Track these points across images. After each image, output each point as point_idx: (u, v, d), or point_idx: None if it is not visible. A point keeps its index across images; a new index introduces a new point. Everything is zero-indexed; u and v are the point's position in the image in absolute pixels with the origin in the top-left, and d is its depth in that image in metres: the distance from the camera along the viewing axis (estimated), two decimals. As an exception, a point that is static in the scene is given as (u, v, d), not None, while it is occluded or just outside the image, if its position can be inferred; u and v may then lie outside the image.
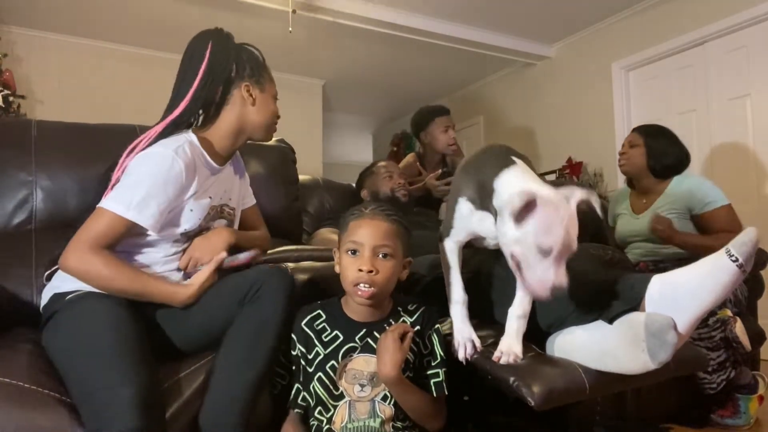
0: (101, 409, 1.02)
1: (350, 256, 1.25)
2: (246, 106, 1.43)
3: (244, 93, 1.43)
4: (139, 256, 1.32)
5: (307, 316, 1.30)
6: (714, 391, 1.95)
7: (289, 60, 5.11)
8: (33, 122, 1.68)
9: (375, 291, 1.23)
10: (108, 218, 1.23)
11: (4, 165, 1.59)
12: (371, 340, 1.27)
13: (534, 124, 5.08)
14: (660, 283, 1.22)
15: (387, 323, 1.29)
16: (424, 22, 4.34)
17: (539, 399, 1.15)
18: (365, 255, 1.23)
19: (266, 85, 1.47)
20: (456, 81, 5.71)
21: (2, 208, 1.57)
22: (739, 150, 3.57)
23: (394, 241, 1.27)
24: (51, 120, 1.74)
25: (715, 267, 1.14)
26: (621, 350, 1.19)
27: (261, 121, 1.46)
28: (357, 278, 1.22)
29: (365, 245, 1.24)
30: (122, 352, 1.10)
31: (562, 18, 4.38)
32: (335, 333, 1.28)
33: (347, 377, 1.25)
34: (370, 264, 1.22)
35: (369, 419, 1.22)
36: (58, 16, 4.17)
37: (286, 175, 2.06)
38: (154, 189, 1.25)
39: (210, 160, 1.40)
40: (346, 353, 1.26)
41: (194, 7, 4.11)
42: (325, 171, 5.72)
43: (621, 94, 4.31)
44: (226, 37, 1.44)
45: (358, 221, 1.27)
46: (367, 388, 1.24)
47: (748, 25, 3.54)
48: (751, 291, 2.24)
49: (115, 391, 1.02)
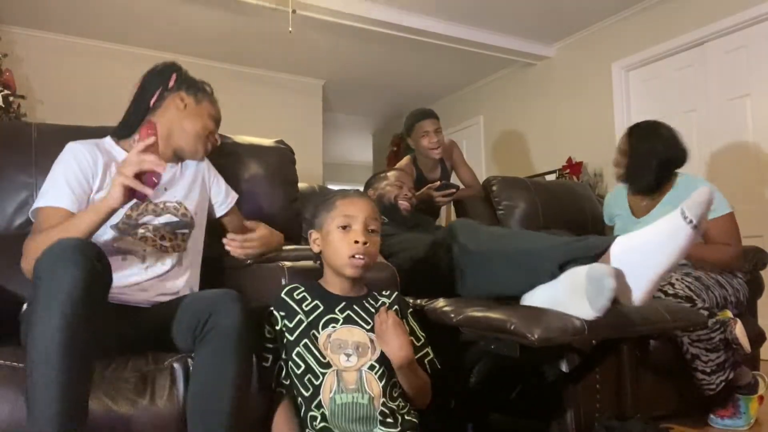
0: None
1: (341, 230, 1.31)
2: (178, 112, 1.52)
3: (177, 101, 1.52)
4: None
5: (286, 288, 1.33)
6: (713, 391, 1.95)
7: (289, 60, 5.11)
8: (33, 125, 1.69)
9: (368, 261, 1.30)
10: (37, 215, 1.36)
11: (5, 167, 1.60)
12: (352, 313, 1.31)
13: (534, 123, 5.08)
14: (621, 246, 1.27)
15: (365, 300, 1.35)
16: (424, 22, 4.34)
17: (539, 335, 1.19)
18: (358, 228, 1.30)
19: (203, 102, 1.57)
20: (456, 81, 5.71)
21: (3, 210, 1.58)
22: (739, 150, 3.57)
23: (378, 220, 1.36)
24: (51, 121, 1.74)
25: (672, 229, 1.19)
26: (566, 298, 1.27)
27: (190, 129, 1.54)
28: (354, 249, 1.28)
29: (358, 218, 1.31)
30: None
31: (562, 18, 4.38)
32: (315, 302, 1.31)
33: (332, 347, 1.26)
34: (364, 236, 1.29)
35: (357, 394, 1.22)
36: (58, 16, 4.18)
37: (285, 176, 2.06)
38: (60, 174, 1.38)
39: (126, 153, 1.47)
40: (327, 323, 1.29)
41: (194, 7, 4.11)
42: (325, 171, 5.73)
43: (621, 94, 4.31)
44: (177, 68, 1.58)
45: (347, 199, 1.35)
46: (353, 358, 1.25)
47: (748, 25, 3.54)
48: (751, 292, 2.24)
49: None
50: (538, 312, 1.30)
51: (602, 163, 4.40)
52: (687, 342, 1.94)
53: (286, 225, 1.98)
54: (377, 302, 1.36)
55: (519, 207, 2.83)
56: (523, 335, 1.20)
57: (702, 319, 1.65)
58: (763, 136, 3.48)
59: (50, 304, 0.99)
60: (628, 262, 1.23)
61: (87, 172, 1.40)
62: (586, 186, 3.47)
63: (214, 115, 1.61)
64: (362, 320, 1.31)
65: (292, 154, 2.11)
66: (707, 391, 1.95)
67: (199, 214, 1.56)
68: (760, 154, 3.49)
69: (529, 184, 2.97)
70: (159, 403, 1.21)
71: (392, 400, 1.25)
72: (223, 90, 1.56)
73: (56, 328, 0.98)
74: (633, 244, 1.24)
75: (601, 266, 1.20)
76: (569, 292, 1.26)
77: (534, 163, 4.99)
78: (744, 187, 3.46)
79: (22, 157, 1.62)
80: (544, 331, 1.19)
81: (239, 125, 2.55)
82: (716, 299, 2.06)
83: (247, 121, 4.26)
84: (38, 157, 1.62)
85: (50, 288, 1.00)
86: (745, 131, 3.56)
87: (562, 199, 2.95)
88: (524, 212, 2.82)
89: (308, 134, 5.48)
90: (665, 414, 2.06)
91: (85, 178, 1.39)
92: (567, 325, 1.22)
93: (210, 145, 1.62)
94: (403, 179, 2.36)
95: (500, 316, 1.29)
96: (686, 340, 1.93)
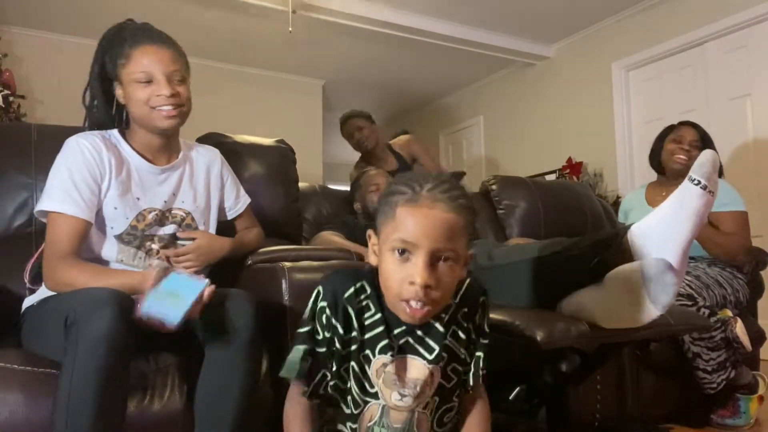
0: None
1: (397, 256, 0.92)
2: (127, 103, 1.39)
3: (119, 93, 1.40)
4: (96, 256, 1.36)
5: (350, 288, 0.99)
6: (714, 390, 1.95)
7: (289, 60, 5.11)
8: (33, 126, 1.69)
9: (430, 309, 0.93)
10: (52, 222, 1.29)
11: (5, 168, 1.60)
12: (412, 339, 1.00)
13: (534, 124, 5.07)
14: (639, 228, 1.24)
15: (437, 320, 1.01)
16: (424, 22, 4.34)
17: (542, 337, 1.17)
18: (420, 262, 0.90)
19: (124, 75, 1.36)
20: (456, 81, 5.71)
21: (2, 211, 1.58)
22: (739, 150, 3.57)
23: (460, 239, 0.94)
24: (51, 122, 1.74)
25: (683, 196, 1.17)
26: (623, 303, 1.21)
27: (136, 115, 1.38)
28: (407, 293, 0.91)
29: (421, 248, 0.90)
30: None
31: (562, 18, 4.38)
32: (379, 316, 0.99)
33: (386, 380, 0.99)
34: (427, 275, 0.90)
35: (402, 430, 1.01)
36: (58, 16, 4.18)
37: (286, 176, 2.06)
38: (67, 174, 1.30)
39: (137, 154, 1.40)
40: (384, 349, 0.98)
41: (194, 7, 4.11)
42: (326, 171, 5.72)
43: (621, 94, 4.31)
44: (107, 35, 1.47)
45: (413, 208, 0.92)
46: (408, 399, 0.99)
47: (748, 25, 3.54)
48: (751, 292, 2.24)
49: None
50: (542, 314, 1.29)
51: (602, 163, 4.40)
52: (688, 340, 1.94)
53: (286, 225, 1.99)
54: (447, 310, 1.02)
55: (519, 206, 2.82)
56: (527, 336, 1.20)
57: (705, 323, 1.64)
58: (763, 136, 3.48)
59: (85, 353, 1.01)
60: (653, 245, 1.19)
61: (95, 172, 1.32)
62: (586, 186, 3.46)
63: (139, 72, 1.34)
64: (425, 348, 1.00)
65: (292, 154, 2.11)
66: (708, 390, 1.95)
67: (208, 221, 1.52)
68: (760, 154, 3.49)
69: (529, 184, 2.97)
70: (159, 403, 1.21)
71: (440, 426, 1.05)
72: (223, 90, 1.55)
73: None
74: (649, 223, 1.21)
75: (654, 262, 1.15)
76: (626, 294, 1.19)
77: (534, 163, 4.99)
78: (744, 187, 3.44)
79: (22, 157, 1.61)
80: (548, 333, 1.19)
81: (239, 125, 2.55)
82: (716, 298, 2.07)
83: (247, 121, 4.27)
84: (38, 158, 1.62)
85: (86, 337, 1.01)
86: (745, 131, 3.56)
87: (562, 199, 2.95)
88: (525, 212, 2.81)
89: (308, 134, 5.47)
90: (665, 414, 2.06)
91: (94, 180, 1.32)
92: (571, 328, 1.22)
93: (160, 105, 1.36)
94: (378, 180, 2.35)
95: (504, 317, 1.29)
96: (687, 339, 1.94)
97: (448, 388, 1.03)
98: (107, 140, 1.39)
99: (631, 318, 1.22)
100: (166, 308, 1.06)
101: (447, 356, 1.01)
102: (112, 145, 1.39)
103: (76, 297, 1.08)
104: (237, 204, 1.62)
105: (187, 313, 1.07)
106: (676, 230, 1.16)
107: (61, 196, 1.29)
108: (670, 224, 1.17)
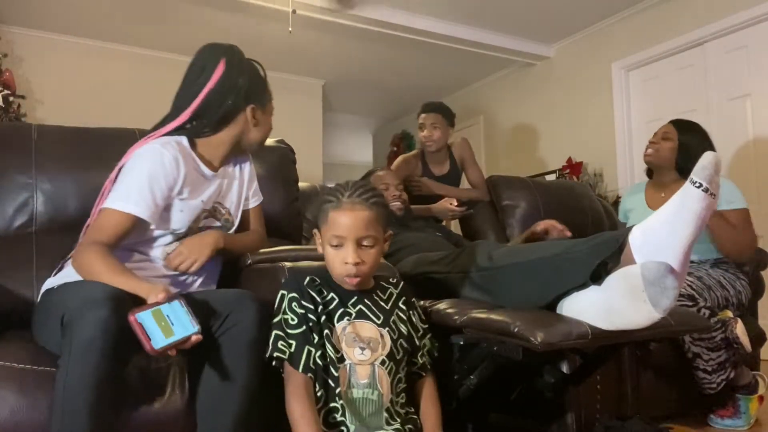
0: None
1: (334, 248, 1.27)
2: (248, 125, 1.49)
3: (249, 115, 1.47)
4: (138, 255, 1.37)
5: (306, 278, 1.30)
6: (714, 391, 1.95)
7: (289, 60, 5.11)
8: (33, 126, 1.69)
9: (362, 279, 1.28)
10: (109, 215, 1.30)
11: (5, 168, 1.60)
12: (364, 307, 1.30)
13: (534, 124, 5.07)
14: (640, 230, 1.22)
15: (374, 293, 1.34)
16: (424, 22, 4.34)
17: (542, 339, 1.17)
18: (349, 248, 1.25)
19: (267, 105, 1.54)
20: (456, 81, 5.71)
21: (3, 211, 1.58)
22: (739, 150, 3.57)
23: (376, 228, 1.28)
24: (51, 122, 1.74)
25: (685, 199, 1.15)
26: (624, 305, 1.20)
27: (260, 138, 1.54)
28: (345, 271, 1.26)
29: (348, 239, 1.25)
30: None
31: (562, 18, 4.38)
32: (331, 295, 1.29)
33: (347, 340, 1.26)
34: (355, 256, 1.24)
35: (368, 390, 1.23)
36: (58, 16, 4.17)
37: (286, 176, 2.06)
38: (146, 181, 1.32)
39: (201, 164, 1.45)
40: (341, 316, 1.28)
41: (194, 7, 4.11)
42: (325, 171, 5.72)
43: (621, 94, 4.31)
44: (239, 57, 1.47)
45: (338, 212, 1.26)
46: (367, 352, 1.25)
47: (748, 25, 3.54)
48: (752, 292, 2.24)
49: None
50: (542, 315, 1.29)
51: (602, 163, 4.40)
52: (688, 341, 1.94)
53: (286, 225, 1.99)
54: (385, 293, 1.36)
55: (520, 206, 2.82)
56: (527, 338, 1.19)
57: (705, 323, 1.64)
58: (763, 136, 3.48)
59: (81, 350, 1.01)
60: (654, 247, 1.17)
61: (171, 183, 1.36)
62: (586, 186, 3.47)
63: (272, 108, 1.59)
64: (373, 314, 1.31)
65: (292, 154, 2.11)
66: (708, 391, 1.95)
67: (239, 215, 1.59)
68: (760, 154, 3.49)
69: (530, 184, 2.97)
70: (160, 402, 1.21)
71: (396, 396, 1.27)
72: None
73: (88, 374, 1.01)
74: (651, 226, 1.20)
75: (655, 265, 1.15)
76: (627, 297, 1.19)
77: (534, 163, 4.99)
78: (744, 187, 3.43)
79: (22, 158, 1.62)
80: (547, 334, 1.18)
81: (239, 125, 2.54)
82: (717, 300, 2.06)
83: (247, 121, 4.26)
84: (38, 159, 1.62)
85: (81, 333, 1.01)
86: (745, 131, 3.56)
87: (562, 199, 2.95)
88: (525, 211, 2.81)
89: (308, 134, 5.48)
90: (665, 414, 2.06)
91: (169, 189, 1.36)
92: (571, 330, 1.21)
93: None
94: (387, 180, 2.34)
95: (504, 318, 1.29)
96: (687, 339, 1.94)
97: (398, 359, 1.29)
98: (183, 149, 1.41)
99: (632, 320, 1.21)
100: (157, 330, 1.06)
101: (397, 332, 1.31)
102: (187, 155, 1.42)
103: (72, 295, 1.09)
104: (253, 198, 1.66)
105: (169, 347, 1.06)
106: (677, 233, 1.15)
107: (136, 198, 1.31)
108: (671, 227, 1.16)
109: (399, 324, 1.33)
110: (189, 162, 1.41)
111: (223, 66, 1.42)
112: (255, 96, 1.48)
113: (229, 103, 1.43)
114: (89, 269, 1.22)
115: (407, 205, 2.34)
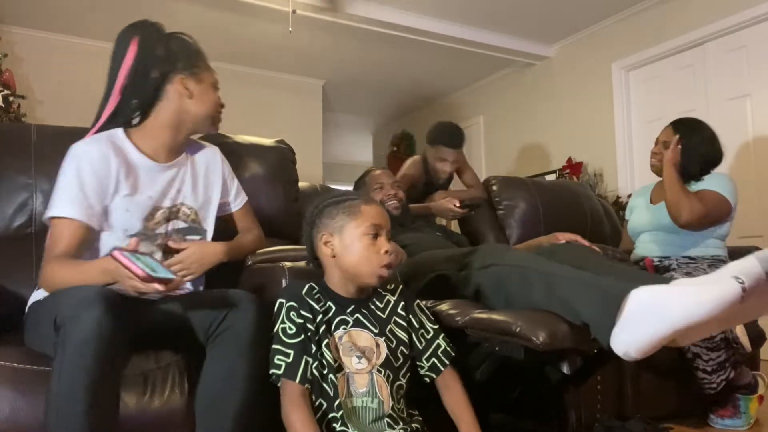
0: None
1: (371, 239, 1.27)
2: (183, 99, 1.40)
3: (179, 87, 1.40)
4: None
5: (305, 287, 1.29)
6: (714, 391, 1.95)
7: (289, 60, 5.11)
8: (33, 126, 1.69)
9: (393, 271, 1.32)
10: (55, 225, 1.29)
11: (4, 169, 1.60)
12: (361, 316, 1.31)
13: (534, 124, 5.07)
14: (644, 293, 1.16)
15: (371, 302, 1.34)
16: (424, 22, 4.33)
17: (543, 339, 1.17)
18: (385, 237, 1.29)
19: (202, 75, 1.44)
20: (456, 81, 5.71)
21: (2, 211, 1.58)
22: (739, 150, 3.57)
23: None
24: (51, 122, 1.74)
25: (721, 287, 1.11)
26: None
27: (201, 112, 1.44)
28: (383, 260, 1.26)
29: (384, 228, 1.29)
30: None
31: (562, 18, 4.38)
32: (329, 304, 1.29)
33: (344, 349, 1.26)
34: (392, 245, 1.29)
35: (367, 398, 1.23)
36: (58, 16, 4.17)
37: (285, 176, 2.06)
38: (76, 182, 1.29)
39: (141, 156, 1.39)
40: (338, 325, 1.28)
41: (194, 7, 4.11)
42: (325, 171, 5.72)
43: (621, 94, 4.31)
44: (151, 30, 1.42)
45: (373, 207, 1.31)
46: (364, 361, 1.25)
47: (748, 25, 3.54)
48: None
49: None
50: (543, 315, 1.29)
51: (602, 163, 4.40)
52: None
53: (286, 225, 1.99)
54: (382, 301, 1.35)
55: (519, 207, 2.82)
56: (528, 338, 1.19)
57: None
58: (763, 136, 3.48)
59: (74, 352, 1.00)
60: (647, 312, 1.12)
61: (102, 180, 1.32)
62: (586, 186, 3.47)
63: (215, 81, 1.48)
64: (370, 323, 1.31)
65: (292, 154, 2.11)
66: (708, 391, 1.95)
67: (209, 218, 1.52)
68: (760, 154, 3.48)
69: (529, 184, 2.97)
70: (159, 401, 1.21)
71: (397, 402, 1.27)
72: (223, 90, 1.53)
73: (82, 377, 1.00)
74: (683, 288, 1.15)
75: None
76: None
77: (534, 163, 4.99)
78: (744, 187, 3.44)
79: (22, 158, 1.62)
80: (549, 334, 1.18)
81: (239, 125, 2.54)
82: (717, 299, 2.06)
83: (247, 121, 4.26)
84: (37, 159, 1.62)
85: (74, 335, 1.00)
86: (745, 131, 3.56)
87: (562, 199, 2.95)
88: (524, 212, 2.81)
89: (308, 134, 5.48)
90: (665, 414, 2.06)
91: (102, 187, 1.32)
92: (572, 330, 1.22)
93: (220, 113, 1.51)
94: (383, 179, 2.32)
95: (505, 318, 1.28)
96: (687, 340, 1.94)
97: (396, 366, 1.29)
98: (113, 143, 1.38)
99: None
100: (141, 266, 1.04)
101: (395, 340, 1.31)
102: (117, 148, 1.37)
103: (63, 297, 1.08)
104: (236, 200, 1.62)
105: (156, 279, 1.04)
106: (692, 311, 1.10)
107: (65, 202, 1.29)
108: (695, 308, 1.10)
109: (397, 331, 1.33)
110: (122, 155, 1.36)
111: (136, 43, 1.37)
112: (182, 64, 1.40)
113: (154, 77, 1.37)
114: (55, 282, 1.20)
115: (404, 204, 2.34)
